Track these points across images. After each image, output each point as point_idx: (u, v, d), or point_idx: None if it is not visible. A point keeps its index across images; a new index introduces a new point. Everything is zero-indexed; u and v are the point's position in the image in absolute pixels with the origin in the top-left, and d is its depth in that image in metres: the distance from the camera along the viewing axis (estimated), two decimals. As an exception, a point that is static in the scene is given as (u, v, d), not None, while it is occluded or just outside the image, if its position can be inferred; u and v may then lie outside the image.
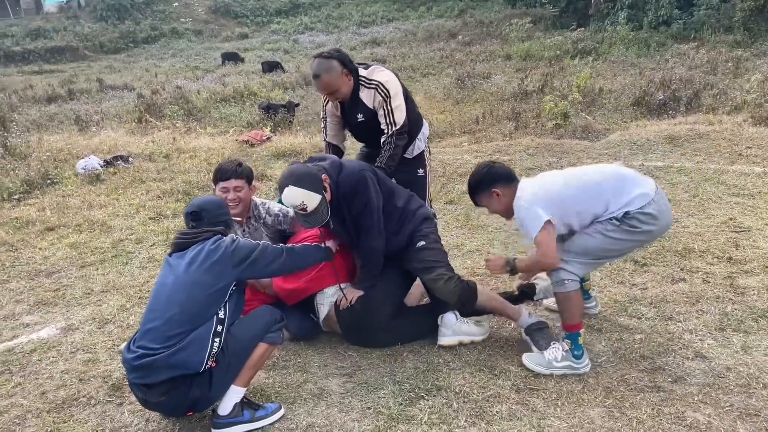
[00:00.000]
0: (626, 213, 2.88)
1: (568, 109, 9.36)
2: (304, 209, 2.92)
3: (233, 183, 3.46)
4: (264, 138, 8.94)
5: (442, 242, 3.45)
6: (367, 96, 3.52)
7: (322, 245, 3.16)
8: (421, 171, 3.81)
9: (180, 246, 2.74)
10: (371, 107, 3.53)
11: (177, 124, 11.02)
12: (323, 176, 2.98)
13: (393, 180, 3.53)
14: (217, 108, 14.44)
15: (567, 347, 3.01)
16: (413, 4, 40.93)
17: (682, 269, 4.07)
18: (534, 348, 3.13)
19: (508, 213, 3.12)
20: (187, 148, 8.55)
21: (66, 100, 18.60)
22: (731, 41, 19.32)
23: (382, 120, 3.52)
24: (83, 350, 3.50)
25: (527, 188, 3.01)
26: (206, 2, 44.56)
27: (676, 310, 3.55)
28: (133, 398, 2.91)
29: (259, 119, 11.96)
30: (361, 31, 33.31)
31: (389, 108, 3.50)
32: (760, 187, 5.57)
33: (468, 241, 4.81)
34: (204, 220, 2.81)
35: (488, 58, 20.72)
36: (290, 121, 11.93)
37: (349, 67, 3.47)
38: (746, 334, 3.25)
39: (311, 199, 2.90)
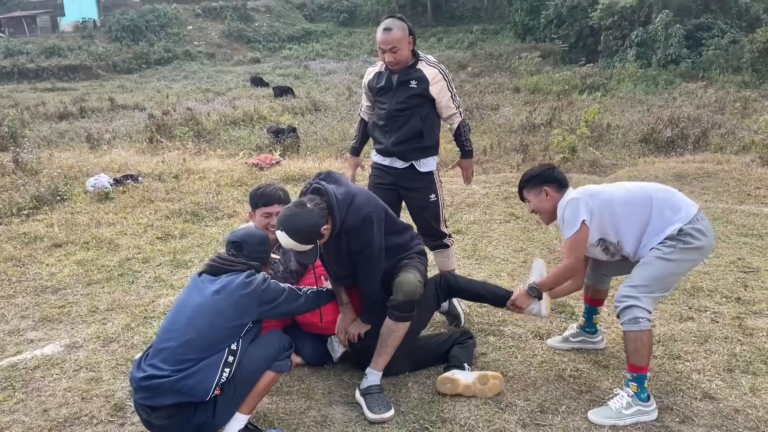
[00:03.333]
0: (680, 230, 2.86)
1: (576, 143, 9.42)
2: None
3: (276, 209, 3.43)
4: (273, 162, 9.00)
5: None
6: (430, 72, 3.63)
7: (324, 289, 3.16)
8: (432, 196, 3.82)
9: (213, 269, 2.76)
10: (429, 80, 3.61)
11: (187, 145, 11.11)
12: (324, 227, 2.90)
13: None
14: (226, 130, 14.57)
15: (633, 391, 2.88)
16: (424, 35, 41.46)
17: (690, 308, 4.04)
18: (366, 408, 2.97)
19: (548, 215, 3.20)
20: (197, 169, 8.60)
21: (77, 117, 18.81)
22: (739, 81, 19.47)
23: (450, 103, 3.70)
24: (86, 368, 3.48)
25: (574, 190, 3.12)
26: (220, 26, 45.25)
27: (684, 349, 3.53)
28: (135, 419, 2.89)
29: (269, 143, 12.05)
30: (372, 59, 33.69)
31: (453, 91, 3.72)
32: (769, 228, 5.57)
33: (475, 272, 4.80)
34: (243, 251, 2.84)
35: (497, 90, 20.91)
36: (298, 146, 12.03)
37: (414, 36, 3.62)
38: (755, 376, 3.22)
39: (300, 248, 2.89)
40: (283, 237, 2.85)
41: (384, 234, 3.12)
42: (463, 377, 3.11)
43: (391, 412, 2.94)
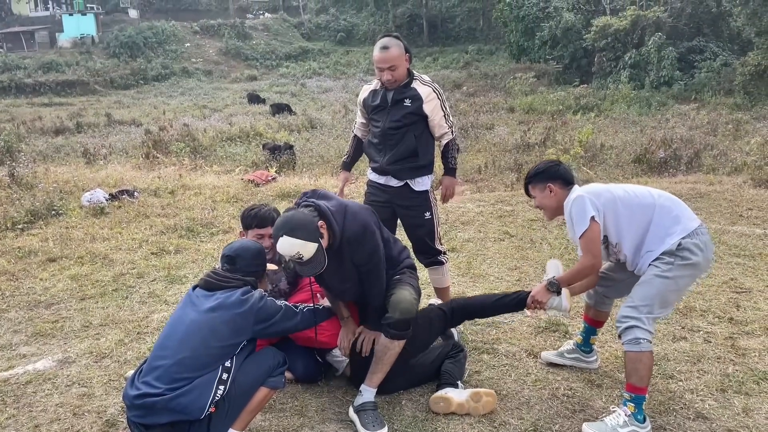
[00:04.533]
0: (679, 244, 2.87)
1: (570, 163, 9.47)
2: (300, 258, 2.83)
3: (269, 231, 3.37)
4: (269, 178, 9.02)
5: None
6: (423, 90, 3.66)
7: (321, 307, 3.16)
8: (428, 214, 3.84)
9: (208, 285, 2.74)
10: (423, 98, 3.64)
11: (183, 161, 11.12)
12: (319, 222, 2.88)
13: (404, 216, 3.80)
14: (222, 147, 14.58)
15: (630, 411, 2.87)
16: (419, 55, 41.84)
17: (683, 327, 4.06)
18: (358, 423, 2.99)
19: (551, 211, 3.20)
20: (193, 185, 8.61)
21: (73, 132, 18.84)
22: (731, 104, 19.67)
23: (442, 122, 3.72)
24: (79, 384, 3.47)
25: (579, 188, 3.12)
26: (217, 44, 45.56)
27: (677, 368, 3.54)
28: (127, 435, 2.87)
29: (265, 159, 12.08)
30: (368, 78, 33.95)
31: (447, 110, 3.75)
32: (761, 249, 5.60)
33: (469, 289, 4.81)
34: (237, 265, 2.81)
35: (492, 109, 21.06)
36: (294, 163, 12.06)
37: (410, 54, 3.67)
38: (747, 397, 3.23)
39: (306, 249, 2.80)
40: (284, 242, 2.78)
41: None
42: (456, 395, 3.11)
43: (384, 430, 2.94)
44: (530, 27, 33.34)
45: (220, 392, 2.54)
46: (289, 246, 2.78)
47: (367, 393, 3.10)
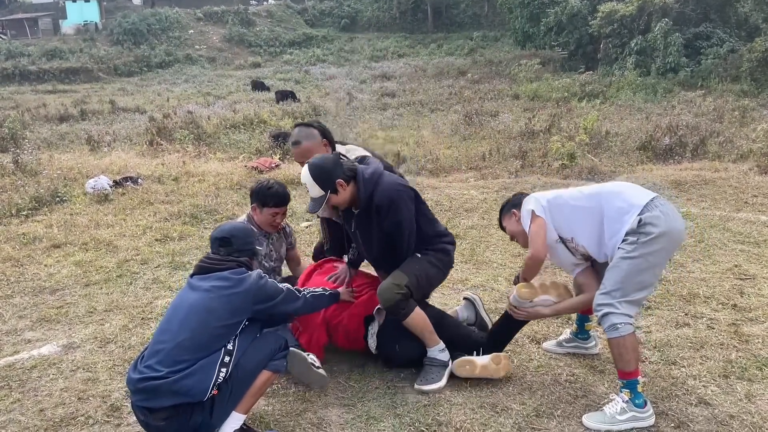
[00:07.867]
0: (639, 221, 2.84)
1: (574, 150, 9.43)
2: (307, 190, 3.09)
3: (284, 209, 3.60)
4: (273, 165, 9.01)
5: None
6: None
7: (327, 292, 3.18)
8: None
9: (203, 270, 2.75)
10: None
11: (187, 148, 11.12)
12: (338, 181, 3.02)
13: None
14: (226, 134, 14.57)
15: (627, 397, 2.88)
16: (424, 41, 41.61)
17: (686, 314, 4.05)
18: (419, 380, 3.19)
19: (522, 236, 3.25)
20: (197, 172, 8.62)
21: (77, 119, 18.84)
22: (738, 90, 19.52)
23: None
24: (83, 369, 3.49)
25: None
26: (221, 31, 45.34)
27: (680, 355, 3.53)
28: (131, 419, 2.90)
29: (268, 147, 12.08)
30: (372, 65, 33.84)
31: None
32: (766, 236, 5.58)
33: (473, 276, 4.81)
34: (233, 246, 2.82)
35: (496, 96, 20.96)
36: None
37: (329, 137, 3.54)
38: (750, 382, 3.23)
39: (313, 189, 3.03)
40: (306, 170, 3.04)
41: (415, 214, 3.20)
42: (479, 359, 3.24)
43: (434, 386, 3.16)
44: (535, 13, 33.04)
45: (222, 374, 2.55)
46: (303, 174, 3.05)
47: (430, 351, 3.25)
